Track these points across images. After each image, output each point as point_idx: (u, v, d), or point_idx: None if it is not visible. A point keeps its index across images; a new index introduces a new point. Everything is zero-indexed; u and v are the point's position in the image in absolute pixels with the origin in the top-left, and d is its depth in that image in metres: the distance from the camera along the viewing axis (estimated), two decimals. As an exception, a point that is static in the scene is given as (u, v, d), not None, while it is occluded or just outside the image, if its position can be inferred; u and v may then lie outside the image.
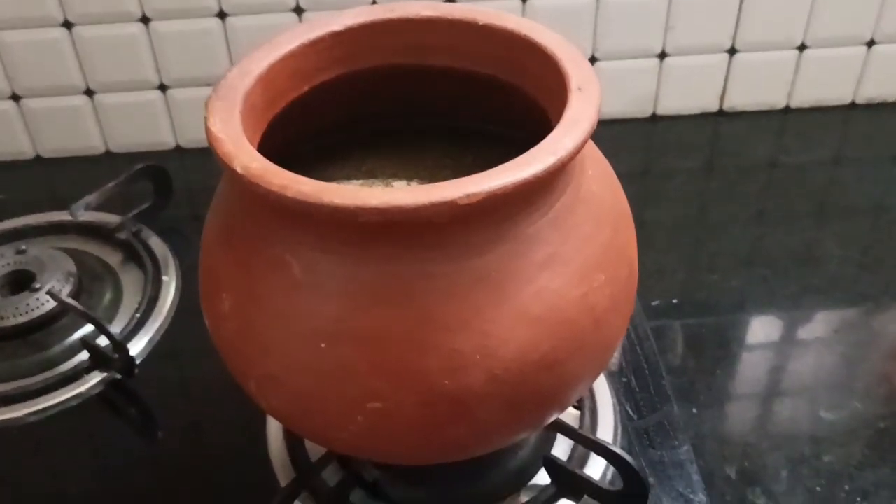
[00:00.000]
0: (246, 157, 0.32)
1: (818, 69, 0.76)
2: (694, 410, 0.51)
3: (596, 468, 0.47)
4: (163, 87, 0.72)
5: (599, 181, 0.38)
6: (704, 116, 0.79)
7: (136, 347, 0.55)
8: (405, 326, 0.34)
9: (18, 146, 0.75)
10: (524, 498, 0.46)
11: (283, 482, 0.46)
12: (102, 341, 0.54)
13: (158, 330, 0.57)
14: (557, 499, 0.46)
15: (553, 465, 0.46)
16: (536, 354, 0.35)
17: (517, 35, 0.39)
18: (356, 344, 0.34)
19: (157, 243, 0.63)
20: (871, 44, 0.75)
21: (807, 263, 0.62)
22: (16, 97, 0.72)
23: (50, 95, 0.72)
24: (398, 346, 0.34)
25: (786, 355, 0.55)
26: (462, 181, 0.31)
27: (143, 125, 0.74)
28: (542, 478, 0.47)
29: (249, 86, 0.37)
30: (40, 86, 0.72)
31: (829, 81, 0.78)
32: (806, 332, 0.57)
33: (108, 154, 0.76)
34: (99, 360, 0.54)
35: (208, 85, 0.69)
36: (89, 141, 0.75)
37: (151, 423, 0.53)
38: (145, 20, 0.69)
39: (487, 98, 0.43)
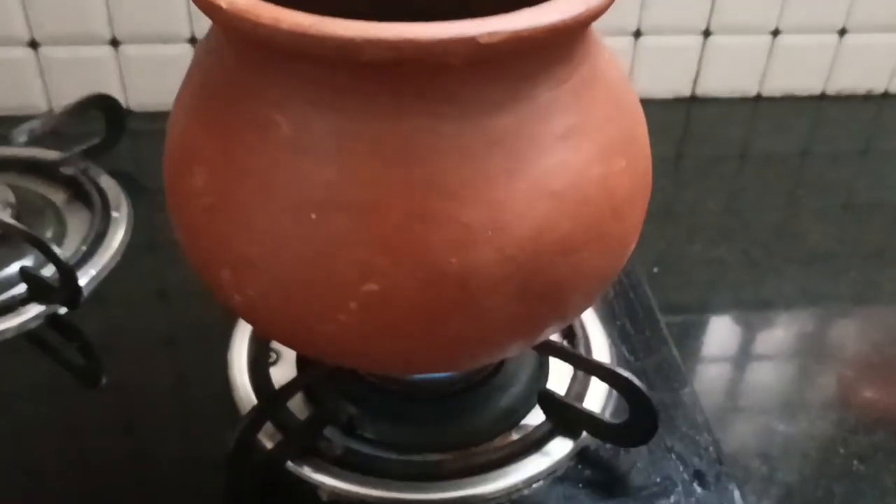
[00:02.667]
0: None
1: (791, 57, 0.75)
2: (693, 353, 0.48)
3: (594, 404, 0.43)
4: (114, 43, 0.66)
5: (615, 71, 0.35)
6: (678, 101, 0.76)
7: (82, 281, 0.50)
8: (408, 193, 0.30)
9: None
10: (515, 437, 0.42)
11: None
12: (44, 273, 0.48)
13: (106, 266, 0.51)
14: (553, 436, 0.41)
15: (548, 400, 0.42)
16: (554, 235, 0.31)
17: None
18: (352, 213, 0.30)
19: (107, 182, 0.57)
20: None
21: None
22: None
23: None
24: (400, 216, 0.30)
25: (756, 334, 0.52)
26: (485, 20, 0.28)
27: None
28: (536, 417, 0.43)
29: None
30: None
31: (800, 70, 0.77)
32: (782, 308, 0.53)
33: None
34: (39, 291, 0.48)
35: (164, 42, 0.64)
36: (30, 100, 0.67)
37: (94, 363, 0.47)
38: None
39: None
